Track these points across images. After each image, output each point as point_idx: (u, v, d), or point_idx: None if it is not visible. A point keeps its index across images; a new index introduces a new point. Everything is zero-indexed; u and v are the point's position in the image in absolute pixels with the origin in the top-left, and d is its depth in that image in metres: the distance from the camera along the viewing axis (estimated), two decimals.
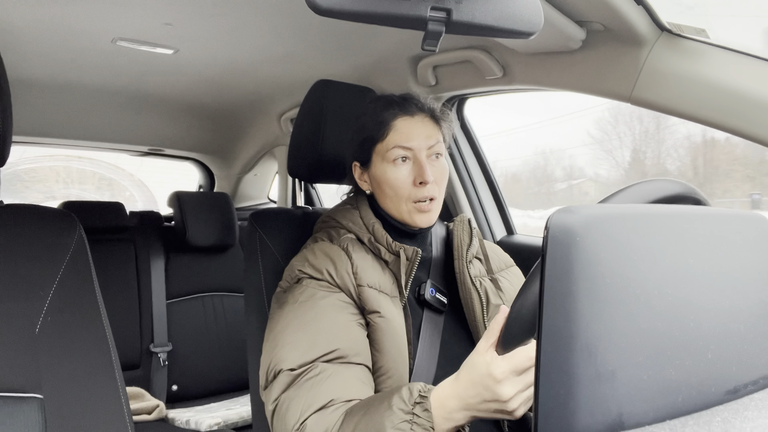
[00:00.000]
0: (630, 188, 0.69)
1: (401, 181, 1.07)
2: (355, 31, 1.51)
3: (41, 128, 2.38)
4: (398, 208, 1.09)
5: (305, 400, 0.89)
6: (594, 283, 0.47)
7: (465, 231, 1.17)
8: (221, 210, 2.41)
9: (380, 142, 1.10)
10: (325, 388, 0.90)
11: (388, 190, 1.09)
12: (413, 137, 1.08)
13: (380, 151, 1.10)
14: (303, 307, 1.00)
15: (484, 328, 1.09)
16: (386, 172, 1.09)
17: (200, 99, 2.28)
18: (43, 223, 0.96)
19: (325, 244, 1.10)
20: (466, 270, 1.12)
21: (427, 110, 1.12)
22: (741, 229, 0.62)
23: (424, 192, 1.07)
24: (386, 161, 1.08)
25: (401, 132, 1.08)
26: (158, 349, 2.21)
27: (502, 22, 0.67)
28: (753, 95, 0.97)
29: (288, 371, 0.93)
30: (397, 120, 1.09)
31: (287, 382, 0.93)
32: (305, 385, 0.91)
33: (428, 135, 1.09)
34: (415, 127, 1.09)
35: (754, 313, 0.59)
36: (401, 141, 1.07)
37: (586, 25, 1.15)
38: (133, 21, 1.49)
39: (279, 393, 0.93)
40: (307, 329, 0.97)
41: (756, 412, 0.51)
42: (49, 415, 0.84)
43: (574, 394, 0.45)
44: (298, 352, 0.94)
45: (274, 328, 1.01)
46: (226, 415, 1.91)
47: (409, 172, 1.08)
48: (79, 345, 0.91)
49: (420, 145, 1.07)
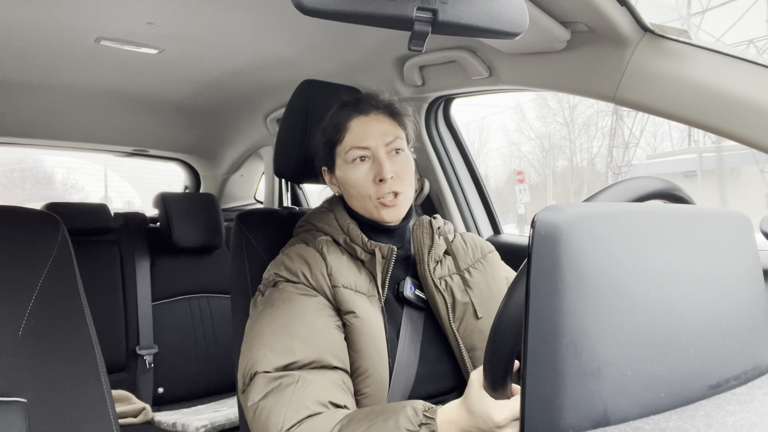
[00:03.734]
0: (615, 186, 0.70)
1: (362, 180, 1.09)
2: (342, 31, 1.51)
3: (23, 129, 2.35)
4: (365, 206, 1.10)
5: (288, 407, 0.89)
6: (580, 280, 0.47)
7: (425, 233, 1.16)
8: (207, 211, 2.39)
9: (339, 145, 1.11)
10: (306, 395, 0.90)
11: (352, 190, 1.10)
12: (368, 136, 1.09)
13: (340, 154, 1.11)
14: (279, 310, 1.00)
15: (450, 329, 1.09)
16: (347, 173, 1.10)
17: (185, 99, 2.27)
18: (26, 225, 0.94)
19: (301, 247, 1.10)
20: (427, 272, 1.11)
21: (383, 107, 1.12)
22: (723, 227, 0.63)
23: (385, 188, 1.08)
24: (346, 162, 1.10)
25: (356, 132, 1.09)
26: (144, 352, 2.18)
27: (487, 22, 0.68)
28: (734, 95, 0.99)
29: (263, 374, 0.93)
30: (352, 121, 1.10)
31: (264, 386, 0.92)
32: (285, 392, 0.90)
33: (384, 132, 1.09)
34: (370, 125, 1.10)
35: (736, 310, 0.60)
36: (357, 141, 1.09)
37: (571, 26, 1.16)
38: (117, 20, 1.47)
39: (258, 399, 0.92)
40: (284, 332, 0.97)
41: (738, 406, 0.51)
42: (33, 419, 0.83)
43: (561, 390, 0.45)
44: (274, 355, 0.94)
45: (251, 330, 1.01)
46: (213, 417, 1.90)
47: (369, 171, 1.08)
48: (64, 348, 0.90)
49: (376, 143, 1.08)
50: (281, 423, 0.87)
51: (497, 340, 0.65)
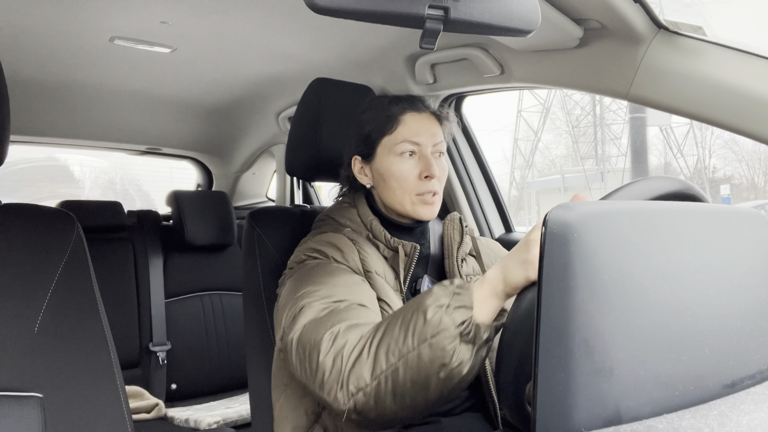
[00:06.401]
0: (629, 186, 0.70)
1: (407, 173, 1.09)
2: (353, 29, 1.51)
3: (39, 128, 2.38)
4: (401, 200, 1.10)
5: (334, 320, 0.88)
6: (592, 279, 0.47)
7: (456, 229, 1.18)
8: (219, 209, 2.41)
9: (388, 135, 1.11)
10: (352, 314, 0.90)
11: (394, 182, 1.10)
12: (421, 133, 1.10)
13: (387, 145, 1.11)
14: (315, 271, 1.01)
15: None
16: (392, 164, 1.10)
17: (198, 98, 2.28)
18: (42, 223, 0.95)
19: (329, 234, 1.10)
20: (456, 269, 1.12)
21: (431, 110, 1.15)
22: (738, 226, 0.62)
23: (429, 186, 1.09)
24: (393, 154, 1.10)
25: (410, 126, 1.10)
26: (157, 348, 2.20)
27: (499, 20, 0.68)
28: (750, 92, 0.98)
29: (310, 306, 0.93)
30: (406, 115, 1.11)
31: (313, 314, 0.92)
32: (332, 313, 0.90)
33: (433, 133, 1.11)
34: (423, 123, 1.11)
35: (750, 309, 0.59)
36: (410, 135, 1.09)
37: (584, 23, 1.15)
38: (130, 20, 1.49)
39: (305, 323, 0.91)
40: (324, 283, 0.97)
41: (753, 405, 0.51)
42: (49, 414, 0.84)
43: (573, 389, 0.45)
44: (318, 297, 0.95)
45: (288, 295, 1.00)
46: (225, 413, 1.91)
47: (415, 166, 1.09)
48: (78, 344, 0.91)
49: (427, 141, 1.10)
50: (330, 325, 0.87)
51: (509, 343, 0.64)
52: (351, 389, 0.80)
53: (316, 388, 0.86)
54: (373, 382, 0.78)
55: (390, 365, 0.77)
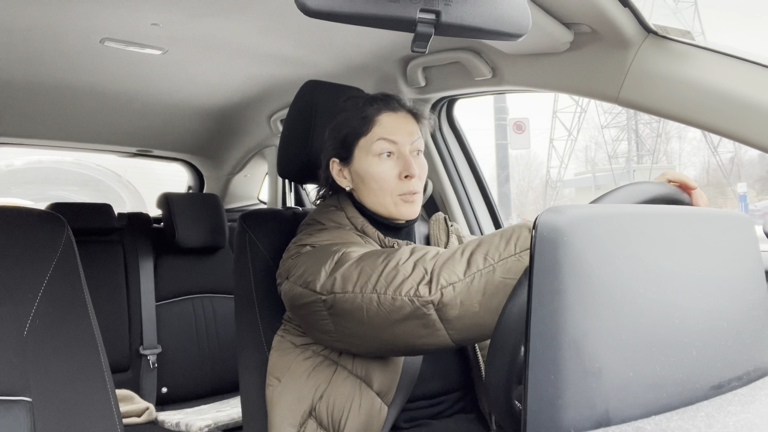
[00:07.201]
0: (619, 190, 0.71)
1: (387, 174, 1.08)
2: (345, 32, 1.51)
3: (29, 130, 2.36)
4: (382, 202, 1.09)
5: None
6: (581, 281, 0.48)
7: (441, 229, 1.19)
8: (211, 211, 2.40)
9: (364, 136, 1.10)
10: None
11: (373, 184, 1.09)
12: (397, 131, 1.09)
13: (364, 146, 1.10)
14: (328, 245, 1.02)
15: None
16: (371, 166, 1.09)
17: (189, 100, 2.27)
18: (31, 225, 0.95)
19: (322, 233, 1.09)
20: None
21: (407, 108, 1.13)
22: (725, 229, 0.63)
23: (409, 186, 1.08)
24: (371, 155, 1.09)
25: (385, 126, 1.09)
26: (148, 351, 2.19)
27: (490, 24, 0.68)
28: (738, 96, 0.99)
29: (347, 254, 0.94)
30: (382, 115, 1.10)
31: (363, 251, 0.93)
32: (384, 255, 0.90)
33: (411, 131, 1.10)
34: (399, 122, 1.10)
35: (738, 311, 0.60)
36: (386, 134, 1.08)
37: (574, 27, 1.16)
38: (121, 22, 1.48)
39: (361, 253, 0.92)
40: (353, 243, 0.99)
41: (739, 407, 0.51)
42: (38, 418, 0.84)
43: (562, 390, 0.45)
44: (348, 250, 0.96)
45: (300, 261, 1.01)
46: (216, 417, 1.90)
47: (394, 166, 1.08)
48: (68, 347, 0.90)
49: (404, 140, 1.09)
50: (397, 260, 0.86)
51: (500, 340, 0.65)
52: (442, 282, 0.79)
53: (385, 288, 0.84)
54: (466, 278, 0.79)
55: (488, 265, 0.79)
